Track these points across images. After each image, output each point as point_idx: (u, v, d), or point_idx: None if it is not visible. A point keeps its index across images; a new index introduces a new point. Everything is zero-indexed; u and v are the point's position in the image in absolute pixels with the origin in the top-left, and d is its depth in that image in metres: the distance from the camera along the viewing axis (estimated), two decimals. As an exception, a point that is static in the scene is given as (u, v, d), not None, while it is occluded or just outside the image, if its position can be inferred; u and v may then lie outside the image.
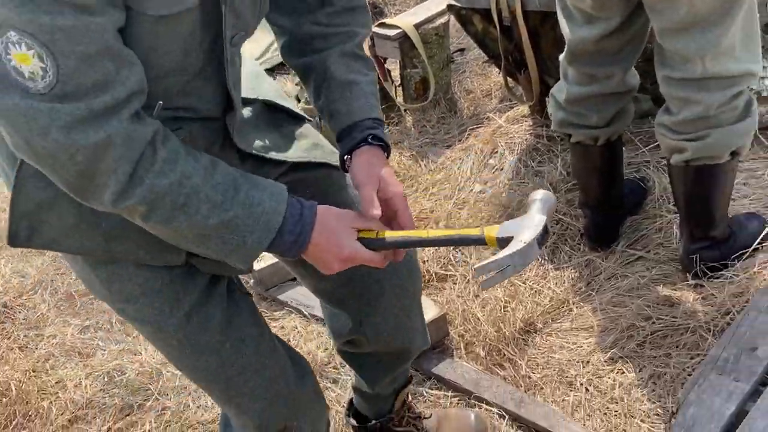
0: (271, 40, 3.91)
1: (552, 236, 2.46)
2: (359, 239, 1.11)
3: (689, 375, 1.83)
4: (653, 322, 2.02)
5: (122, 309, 1.24)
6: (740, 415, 1.58)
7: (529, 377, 2.00)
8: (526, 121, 3.01)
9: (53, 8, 0.86)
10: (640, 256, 2.29)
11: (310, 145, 1.36)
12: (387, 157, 1.23)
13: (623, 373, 1.93)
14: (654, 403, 1.81)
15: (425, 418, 1.85)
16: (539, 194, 1.11)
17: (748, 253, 2.05)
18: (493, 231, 1.07)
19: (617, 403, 1.85)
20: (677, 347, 1.93)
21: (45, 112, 0.91)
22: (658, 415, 1.79)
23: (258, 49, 3.99)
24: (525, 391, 1.95)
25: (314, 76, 1.26)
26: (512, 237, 1.05)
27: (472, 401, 1.98)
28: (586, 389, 1.92)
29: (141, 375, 2.47)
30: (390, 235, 1.12)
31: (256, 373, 1.31)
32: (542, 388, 1.96)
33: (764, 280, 1.93)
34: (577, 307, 2.22)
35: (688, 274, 2.07)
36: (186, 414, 2.25)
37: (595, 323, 2.13)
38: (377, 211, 1.13)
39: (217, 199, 1.03)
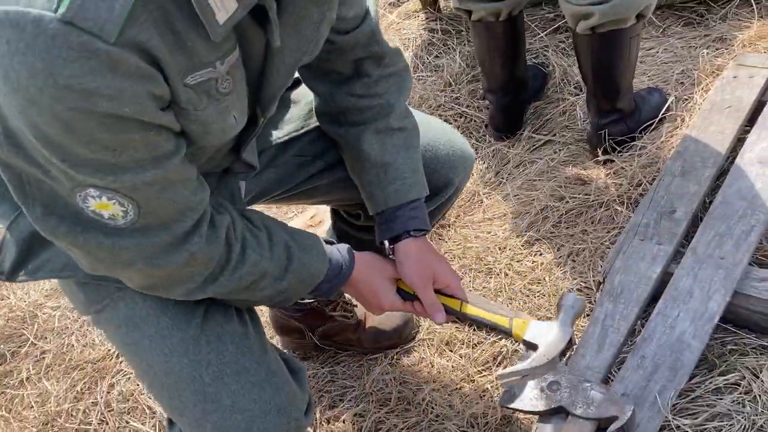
0: None
1: (457, 129, 2.35)
2: (398, 290, 1.22)
3: (607, 249, 1.79)
4: (566, 202, 1.96)
5: (96, 314, 1.11)
6: (665, 276, 1.55)
7: (447, 270, 1.90)
8: (418, 16, 2.84)
9: (135, 167, 0.82)
10: (547, 140, 2.22)
11: (306, 109, 1.30)
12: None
13: (541, 254, 1.87)
14: (575, 279, 1.76)
15: (353, 304, 1.75)
16: (570, 300, 1.23)
17: (654, 125, 2.03)
18: (521, 330, 1.20)
19: (539, 283, 1.79)
20: (592, 223, 1.89)
21: (131, 248, 0.89)
22: (580, 290, 1.74)
23: None
24: (444, 285, 1.85)
25: (348, 151, 1.23)
26: (537, 345, 1.17)
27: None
28: (506, 274, 1.84)
29: (11, 321, 2.16)
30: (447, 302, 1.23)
31: (236, 376, 1.08)
32: (462, 278, 1.87)
33: (672, 147, 1.91)
34: (488, 198, 2.13)
35: (597, 150, 2.02)
36: (70, 355, 1.99)
37: (508, 210, 2.04)
38: (442, 317, 1.21)
39: (275, 273, 1.05)
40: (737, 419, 1.36)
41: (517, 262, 1.87)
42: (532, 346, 1.19)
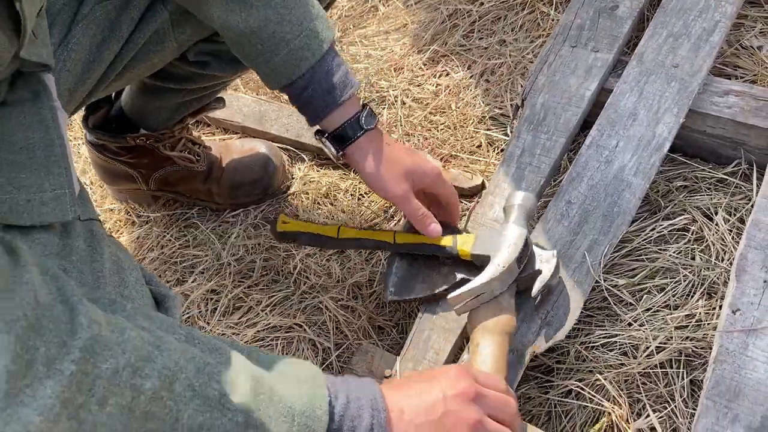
0: None
1: None
2: (283, 233, 1.05)
3: (530, 63, 1.39)
4: (481, 4, 1.52)
5: None
6: (603, 94, 1.18)
7: (329, 100, 1.47)
8: None
9: None
10: (458, -74, 1.72)
11: None
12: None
13: (447, 74, 1.45)
14: (488, 104, 1.37)
15: (206, 147, 1.34)
16: (518, 198, 0.98)
17: None
18: (467, 245, 0.97)
19: (443, 113, 1.40)
20: (512, 30, 1.47)
21: None
22: (494, 118, 1.35)
23: None
24: (324, 119, 1.43)
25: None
26: (489, 256, 0.94)
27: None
28: (403, 102, 1.43)
29: None
30: (347, 233, 1.03)
31: None
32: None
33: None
34: (384, 5, 1.66)
35: (521, -66, 1.55)
36: None
37: (408, 19, 1.59)
38: (436, 227, 0.97)
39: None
40: (684, 275, 1.06)
41: (417, 86, 1.46)
42: (483, 259, 0.94)
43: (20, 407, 0.44)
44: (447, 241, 0.98)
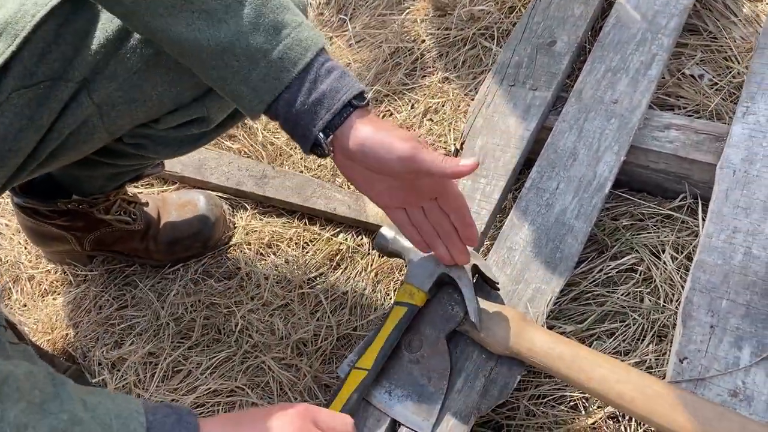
0: None
1: None
2: None
3: (473, 99, 1.36)
4: (422, 41, 1.50)
5: None
6: (543, 133, 1.15)
7: (272, 143, 1.43)
8: None
9: None
10: (399, -39, 1.70)
11: (18, 4, 0.81)
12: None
13: (391, 114, 1.42)
14: (432, 144, 1.34)
15: (142, 204, 1.28)
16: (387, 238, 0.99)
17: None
18: (417, 292, 0.92)
19: (387, 154, 1.36)
20: (455, 67, 1.44)
21: None
22: (439, 158, 1.32)
23: None
24: (268, 163, 1.39)
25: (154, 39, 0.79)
26: (444, 274, 0.92)
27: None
28: (346, 145, 1.39)
29: None
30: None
31: None
32: (291, 155, 1.41)
33: (553, -43, 1.44)
34: (327, 44, 1.63)
35: (459, -32, 1.53)
36: None
37: (351, 58, 1.56)
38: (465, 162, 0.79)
39: None
40: (633, 318, 1.03)
41: (361, 126, 1.42)
42: (440, 279, 0.94)
43: None
44: (400, 310, 0.92)
